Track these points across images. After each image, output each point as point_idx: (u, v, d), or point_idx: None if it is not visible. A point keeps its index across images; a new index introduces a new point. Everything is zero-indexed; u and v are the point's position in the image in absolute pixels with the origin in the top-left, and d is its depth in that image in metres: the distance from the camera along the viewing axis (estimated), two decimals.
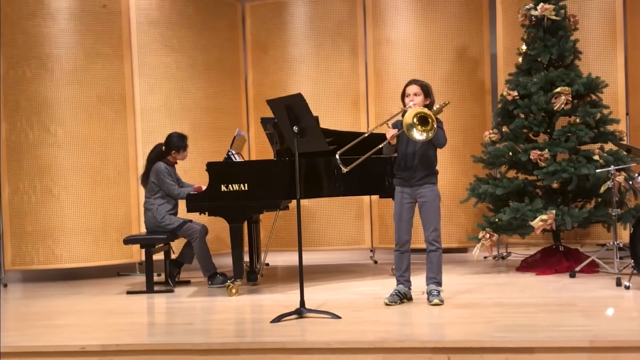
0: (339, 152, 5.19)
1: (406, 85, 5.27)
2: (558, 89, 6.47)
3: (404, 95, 5.27)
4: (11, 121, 7.12)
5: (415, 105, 5.14)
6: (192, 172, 7.35)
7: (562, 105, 6.47)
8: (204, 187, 6.20)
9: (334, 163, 6.18)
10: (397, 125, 5.24)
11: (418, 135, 4.94)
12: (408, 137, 5.03)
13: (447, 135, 5.23)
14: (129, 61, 7.39)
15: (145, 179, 6.57)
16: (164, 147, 6.56)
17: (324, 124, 6.89)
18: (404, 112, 5.13)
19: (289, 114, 5.12)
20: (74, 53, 7.19)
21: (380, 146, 5.19)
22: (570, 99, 6.49)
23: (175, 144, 6.52)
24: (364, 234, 7.85)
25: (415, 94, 5.21)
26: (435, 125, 4.92)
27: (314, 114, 5.26)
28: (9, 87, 7.12)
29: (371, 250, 7.89)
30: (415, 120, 4.93)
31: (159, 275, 7.12)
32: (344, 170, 5.16)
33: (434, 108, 5.21)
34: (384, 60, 7.79)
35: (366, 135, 5.36)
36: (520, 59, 6.90)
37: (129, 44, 7.40)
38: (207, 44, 7.77)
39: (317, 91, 7.84)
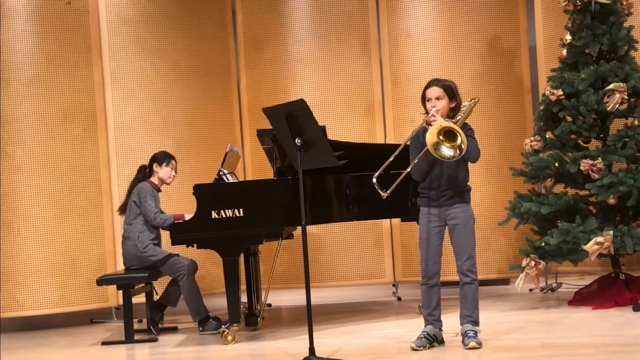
0: (375, 174, 5.13)
1: (426, 88, 5.28)
2: (611, 86, 6.46)
3: (424, 99, 5.27)
4: None
5: (439, 112, 5.14)
6: (176, 196, 7.35)
7: (617, 105, 6.45)
8: (187, 216, 6.19)
9: (345, 181, 6.17)
10: (420, 134, 5.22)
11: (448, 152, 4.95)
12: (436, 158, 5.02)
13: (480, 146, 5.21)
14: (99, 68, 7.41)
15: (125, 204, 6.59)
16: (147, 169, 6.60)
17: (332, 134, 6.86)
18: (424, 129, 5.11)
19: (290, 125, 5.11)
20: (33, 60, 7.21)
21: (420, 156, 5.12)
22: (626, 97, 6.46)
23: (157, 155, 6.61)
24: (385, 265, 7.81)
25: (437, 98, 5.21)
26: (463, 138, 4.91)
27: (320, 123, 5.25)
28: None
29: (393, 285, 7.86)
30: (441, 137, 4.94)
31: (139, 321, 7.09)
32: (384, 195, 5.11)
33: (462, 109, 5.20)
34: (402, 58, 7.78)
35: (401, 148, 5.29)
36: (564, 52, 6.89)
37: (99, 47, 7.42)
38: (191, 44, 7.79)
39: (323, 97, 7.84)
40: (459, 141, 4.93)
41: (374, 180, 5.12)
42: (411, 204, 6.33)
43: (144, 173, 6.61)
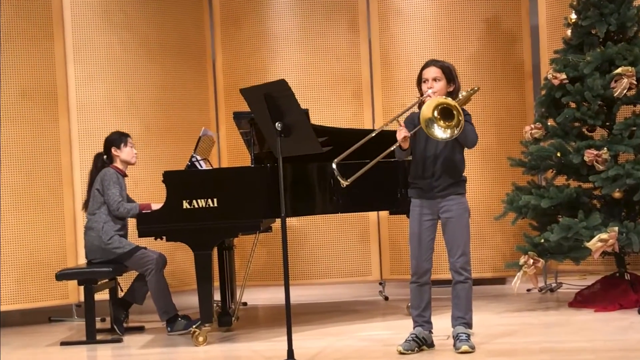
0: (336, 160, 5.15)
1: (423, 68, 5.28)
2: (619, 70, 6.47)
3: (420, 80, 5.27)
4: None
5: (436, 93, 5.14)
6: (144, 183, 7.34)
7: (625, 91, 6.47)
8: (155, 205, 6.17)
9: (329, 170, 6.16)
10: (413, 119, 5.21)
11: (441, 132, 4.93)
12: (427, 136, 5.02)
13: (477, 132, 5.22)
14: (61, 42, 7.37)
15: (88, 197, 6.58)
16: (105, 156, 6.57)
17: (316, 119, 6.85)
18: (420, 104, 5.12)
19: (270, 107, 5.12)
20: None
21: (389, 150, 5.16)
22: (635, 82, 6.48)
23: (111, 138, 6.57)
24: (371, 262, 7.83)
25: (434, 79, 5.21)
26: (461, 119, 4.91)
27: (303, 106, 5.24)
28: None
29: (380, 283, 7.87)
30: (436, 113, 4.91)
31: (102, 320, 7.09)
32: (344, 183, 5.13)
33: (460, 96, 5.21)
34: (393, 37, 7.79)
35: (373, 135, 5.31)
36: (568, 32, 6.90)
37: (61, 18, 7.38)
38: (163, 18, 7.77)
39: (306, 78, 7.84)
40: (454, 121, 4.92)
41: (334, 166, 5.12)
42: (400, 195, 6.33)
43: (102, 161, 6.58)
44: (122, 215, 6.41)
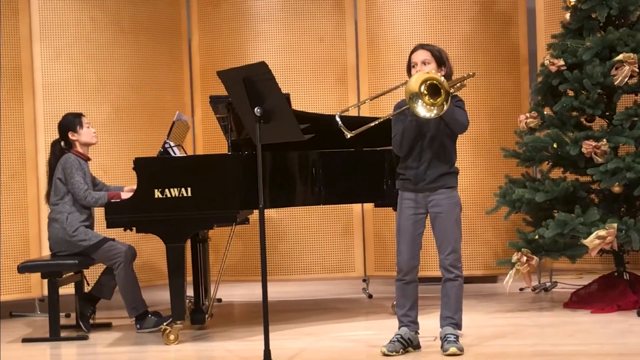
0: (339, 113, 5.15)
1: (412, 52, 5.32)
2: (620, 57, 6.48)
3: (410, 65, 5.30)
4: None
5: None
6: (113, 170, 7.32)
7: (626, 79, 6.48)
8: (125, 194, 6.17)
9: (311, 159, 6.15)
10: (402, 105, 5.21)
11: (423, 110, 4.96)
12: (418, 124, 5.00)
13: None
14: (27, 18, 7.34)
15: (49, 187, 6.56)
16: (62, 142, 6.52)
17: (298, 104, 6.83)
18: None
19: (249, 91, 5.11)
20: None
21: (404, 109, 5.13)
22: (637, 69, 6.49)
23: (65, 122, 6.53)
24: (354, 257, 7.83)
25: (424, 62, 5.23)
26: (447, 97, 4.92)
27: (284, 90, 5.24)
28: None
29: (364, 280, 7.88)
30: (422, 88, 4.92)
31: (67, 315, 7.08)
32: (348, 135, 5.11)
33: (453, 80, 5.20)
34: (380, 18, 7.78)
35: (380, 95, 5.39)
36: (567, 15, 6.90)
37: None
38: None
39: (287, 60, 7.83)
40: (441, 99, 4.91)
41: (337, 117, 5.12)
42: (387, 186, 6.33)
43: (61, 148, 6.54)
44: (89, 205, 6.38)
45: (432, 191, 5.24)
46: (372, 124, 5.24)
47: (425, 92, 4.94)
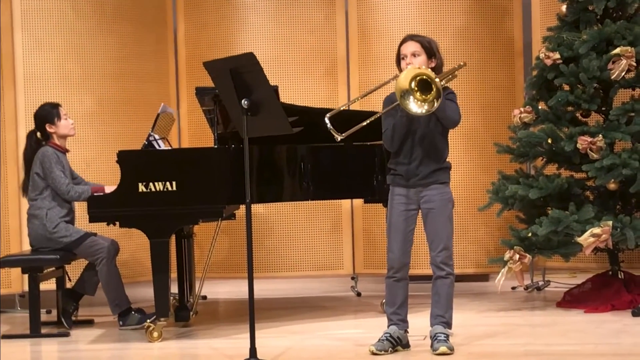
0: (329, 114, 5.13)
1: (401, 43, 5.31)
2: (617, 50, 6.49)
3: (399, 57, 5.30)
4: None
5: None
6: (96, 163, 7.31)
7: (623, 73, 6.49)
8: (108, 188, 6.16)
9: (300, 153, 6.17)
10: (392, 100, 5.23)
11: (415, 106, 4.96)
12: (408, 120, 5.04)
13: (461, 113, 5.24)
14: (8, 6, 7.31)
15: (26, 180, 6.54)
16: (38, 133, 6.51)
17: (286, 97, 6.85)
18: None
19: (236, 83, 5.11)
20: None
21: (394, 105, 5.15)
22: (634, 64, 6.50)
23: (43, 114, 6.51)
24: (343, 254, 7.84)
25: (413, 54, 5.23)
26: (440, 94, 4.94)
27: (272, 82, 5.24)
28: None
29: (352, 278, 7.88)
30: (413, 84, 4.94)
31: (48, 312, 7.06)
32: (338, 137, 5.11)
33: (443, 72, 5.21)
34: (372, 8, 7.77)
35: (368, 93, 5.39)
36: (564, 8, 6.91)
37: None
38: None
39: (276, 52, 7.82)
40: (432, 95, 4.93)
41: (327, 120, 5.10)
42: (377, 182, 6.35)
43: (37, 139, 6.52)
44: (72, 199, 6.37)
45: (424, 187, 5.24)
46: (364, 124, 5.21)
47: (416, 88, 4.94)
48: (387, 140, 5.28)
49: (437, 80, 4.96)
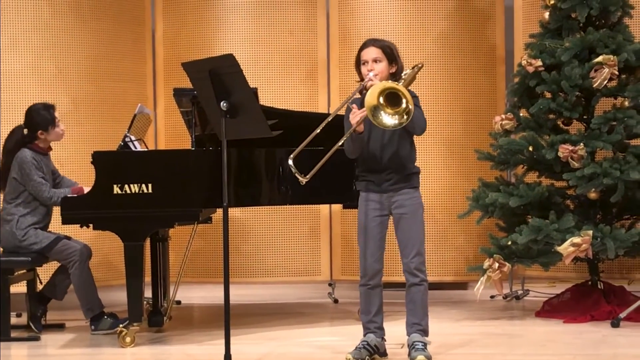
0: (292, 156, 5.13)
1: (362, 48, 5.30)
2: (599, 58, 6.51)
3: (359, 62, 5.29)
4: None
5: (377, 76, 5.17)
6: (70, 164, 7.29)
7: (605, 82, 6.52)
8: (87, 189, 6.13)
9: (278, 157, 6.17)
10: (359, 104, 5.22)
11: (389, 119, 4.94)
12: (371, 126, 5.04)
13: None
14: None
15: (4, 178, 6.48)
16: (25, 130, 6.46)
17: (266, 99, 6.85)
18: (362, 89, 5.14)
19: (215, 84, 5.11)
20: None
21: (346, 136, 5.15)
22: (617, 72, 6.53)
23: (38, 120, 6.43)
24: (320, 260, 7.86)
25: (375, 60, 5.23)
26: (410, 105, 4.92)
27: (252, 84, 5.25)
28: None
29: (330, 284, 7.88)
30: (381, 100, 4.93)
31: (18, 315, 7.00)
32: (303, 181, 5.10)
33: (403, 76, 5.22)
34: (353, 11, 7.80)
35: (329, 119, 5.30)
36: (546, 15, 6.94)
37: None
38: None
39: (255, 53, 7.84)
40: (403, 105, 4.91)
41: (290, 162, 5.09)
42: (355, 187, 6.34)
43: (22, 137, 6.45)
44: (56, 205, 6.29)
45: (395, 192, 5.24)
46: (326, 158, 5.20)
47: (385, 102, 4.91)
48: (347, 150, 5.26)
49: (404, 91, 4.92)
